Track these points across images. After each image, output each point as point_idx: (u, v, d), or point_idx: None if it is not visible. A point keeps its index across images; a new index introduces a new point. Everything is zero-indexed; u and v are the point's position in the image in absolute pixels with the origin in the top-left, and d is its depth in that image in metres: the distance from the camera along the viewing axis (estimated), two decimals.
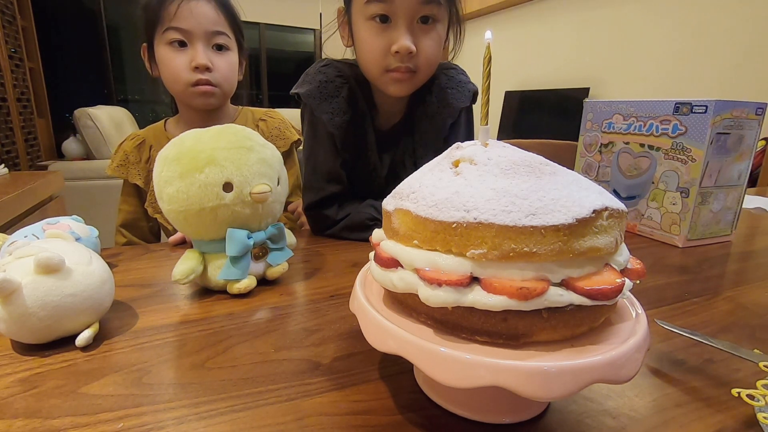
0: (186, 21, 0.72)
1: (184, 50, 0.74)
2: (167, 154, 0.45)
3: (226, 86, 0.79)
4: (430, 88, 0.71)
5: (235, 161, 0.44)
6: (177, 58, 0.74)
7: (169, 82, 0.77)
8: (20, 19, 2.44)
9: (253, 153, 0.46)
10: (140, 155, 0.82)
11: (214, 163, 0.43)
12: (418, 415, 0.28)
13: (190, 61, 0.74)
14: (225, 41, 0.77)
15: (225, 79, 0.78)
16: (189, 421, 0.27)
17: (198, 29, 0.73)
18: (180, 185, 0.43)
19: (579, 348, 0.24)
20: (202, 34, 0.74)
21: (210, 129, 0.47)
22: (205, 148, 0.44)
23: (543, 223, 0.22)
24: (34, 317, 0.33)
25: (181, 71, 0.74)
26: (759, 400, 0.28)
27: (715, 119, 0.61)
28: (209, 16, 0.74)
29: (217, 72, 0.76)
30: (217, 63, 0.76)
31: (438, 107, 0.71)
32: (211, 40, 0.75)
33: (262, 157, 0.46)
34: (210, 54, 0.75)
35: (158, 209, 0.78)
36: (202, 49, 0.74)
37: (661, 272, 0.55)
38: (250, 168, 0.45)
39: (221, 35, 0.76)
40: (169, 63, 0.74)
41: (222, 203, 0.43)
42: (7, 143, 2.14)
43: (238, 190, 0.44)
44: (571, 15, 2.83)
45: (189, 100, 0.77)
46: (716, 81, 2.07)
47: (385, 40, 0.61)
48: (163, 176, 0.44)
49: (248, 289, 0.46)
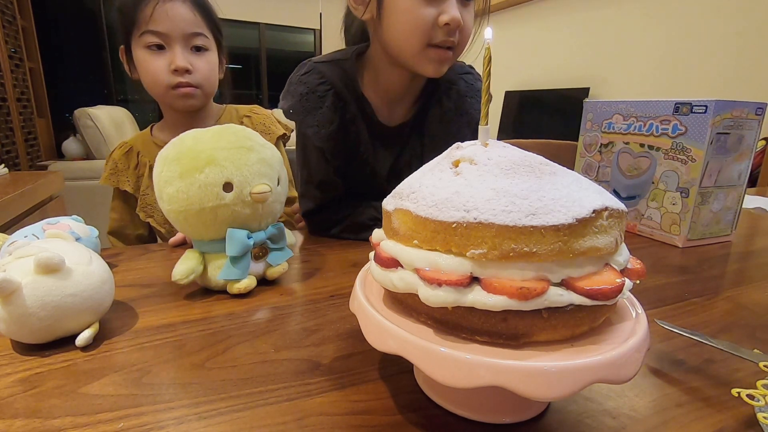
0: (162, 24, 0.71)
1: (162, 53, 0.73)
2: (167, 154, 0.45)
3: (207, 86, 0.78)
4: (448, 93, 0.70)
5: (235, 161, 0.44)
6: (155, 61, 0.73)
7: (149, 85, 0.76)
8: (20, 19, 2.44)
9: (253, 153, 0.45)
10: (128, 162, 0.82)
11: (214, 163, 0.43)
12: (418, 415, 0.28)
13: (169, 63, 0.73)
14: (203, 42, 0.76)
15: (205, 79, 0.77)
16: (189, 421, 0.27)
17: (175, 32, 0.72)
18: (180, 185, 0.43)
19: (579, 348, 0.24)
20: (179, 37, 0.73)
21: (210, 129, 0.47)
22: (205, 148, 0.44)
23: (543, 223, 0.22)
24: (34, 317, 0.33)
25: (160, 74, 0.73)
26: (759, 400, 0.28)
27: (715, 119, 0.61)
28: (186, 18, 0.73)
29: (197, 73, 0.75)
30: (196, 64, 0.75)
31: (455, 114, 0.70)
32: (189, 42, 0.74)
33: (263, 157, 0.46)
34: (188, 56, 0.74)
35: (150, 213, 0.80)
36: (181, 52, 0.73)
37: (661, 272, 0.55)
38: (250, 168, 0.44)
39: (199, 36, 0.75)
40: (147, 67, 0.74)
41: (222, 203, 0.43)
42: (7, 143, 2.14)
43: (238, 190, 0.44)
44: (571, 15, 2.83)
45: (170, 102, 0.77)
46: (716, 81, 2.07)
47: (433, 10, 0.56)
48: (162, 176, 0.44)
49: (248, 289, 0.46)
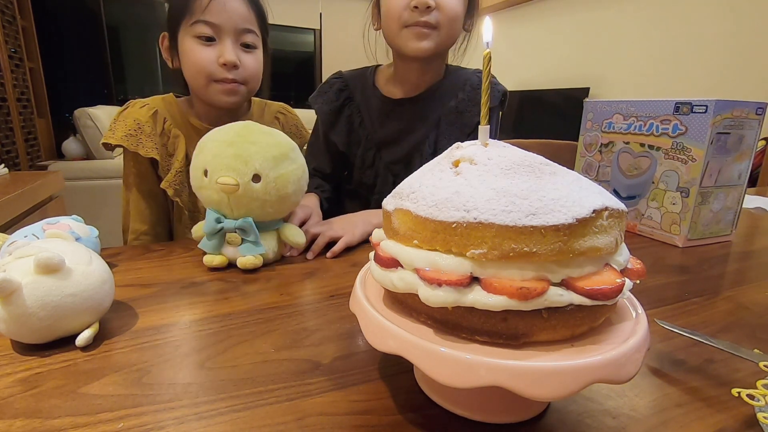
0: (217, 15, 0.70)
1: (211, 45, 0.71)
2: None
3: (252, 84, 0.76)
4: (463, 87, 0.78)
5: (213, 151, 0.52)
6: (204, 51, 0.71)
7: (192, 75, 0.73)
8: (20, 19, 2.44)
9: (232, 148, 0.51)
10: (155, 126, 0.74)
11: (202, 152, 0.53)
12: (418, 415, 0.28)
13: (218, 56, 0.71)
14: (253, 40, 0.74)
15: (252, 77, 0.75)
16: (189, 421, 0.27)
17: (228, 25, 0.70)
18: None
19: (579, 348, 0.24)
20: (231, 31, 0.71)
21: (235, 123, 0.55)
22: (206, 138, 0.54)
23: (543, 223, 0.22)
24: (34, 317, 0.33)
25: (207, 65, 0.70)
26: (759, 400, 0.28)
27: (715, 119, 0.61)
28: (241, 13, 0.72)
29: (244, 69, 0.73)
30: (245, 60, 0.73)
31: (469, 104, 0.77)
32: (239, 38, 0.72)
33: (239, 153, 0.51)
34: (238, 51, 0.72)
35: (179, 192, 0.74)
36: (231, 46, 0.71)
37: (661, 272, 0.55)
38: (222, 160, 0.51)
39: (250, 33, 0.73)
40: (194, 56, 0.71)
41: (203, 185, 0.53)
42: (7, 143, 2.14)
43: (210, 177, 0.52)
44: (571, 15, 2.83)
45: (210, 96, 0.73)
46: (716, 81, 2.07)
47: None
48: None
49: (210, 265, 0.52)
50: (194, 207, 0.77)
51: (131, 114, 0.74)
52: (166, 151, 0.75)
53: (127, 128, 0.72)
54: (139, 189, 0.75)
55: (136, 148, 0.72)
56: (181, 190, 0.74)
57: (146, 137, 0.72)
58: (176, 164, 0.74)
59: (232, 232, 0.52)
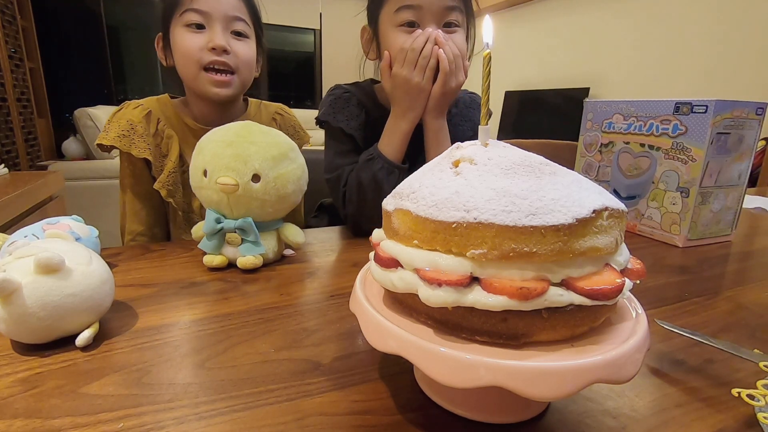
0: (206, 3, 0.70)
1: (201, 32, 0.71)
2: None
3: (243, 73, 0.74)
4: (456, 104, 0.82)
5: (213, 151, 0.52)
6: (194, 38, 0.70)
7: (182, 64, 0.72)
8: (20, 19, 2.44)
9: (231, 148, 0.51)
10: (148, 127, 0.74)
11: (201, 153, 0.53)
12: (418, 415, 0.28)
13: (207, 42, 0.70)
14: (243, 28, 0.74)
15: (243, 64, 0.74)
16: (189, 421, 0.27)
17: (217, 11, 0.70)
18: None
19: (579, 348, 0.24)
20: (221, 17, 0.71)
21: (234, 123, 0.54)
22: (205, 138, 0.54)
23: (543, 223, 0.22)
24: (34, 317, 0.33)
25: (196, 51, 0.70)
26: (759, 400, 0.28)
27: (715, 119, 0.61)
28: (230, 0, 0.72)
29: (235, 56, 0.72)
30: (235, 47, 0.72)
31: (461, 120, 0.82)
32: (229, 25, 0.72)
33: (238, 153, 0.51)
34: (228, 38, 0.72)
35: (173, 193, 0.73)
36: (221, 32, 0.71)
37: (661, 272, 0.55)
38: (221, 160, 0.51)
39: (240, 21, 0.73)
40: (183, 43, 0.70)
41: (202, 185, 0.53)
42: (7, 143, 2.14)
43: (209, 177, 0.51)
44: (571, 15, 2.83)
45: (201, 86, 0.72)
46: (716, 81, 2.07)
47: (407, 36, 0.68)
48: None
49: (210, 265, 0.52)
50: (188, 207, 0.77)
51: (125, 115, 0.73)
52: (160, 152, 0.75)
53: (120, 129, 0.71)
54: (134, 190, 0.75)
55: (128, 149, 0.71)
56: (174, 191, 0.74)
57: (139, 138, 0.72)
58: (169, 165, 0.74)
59: (232, 232, 0.53)
